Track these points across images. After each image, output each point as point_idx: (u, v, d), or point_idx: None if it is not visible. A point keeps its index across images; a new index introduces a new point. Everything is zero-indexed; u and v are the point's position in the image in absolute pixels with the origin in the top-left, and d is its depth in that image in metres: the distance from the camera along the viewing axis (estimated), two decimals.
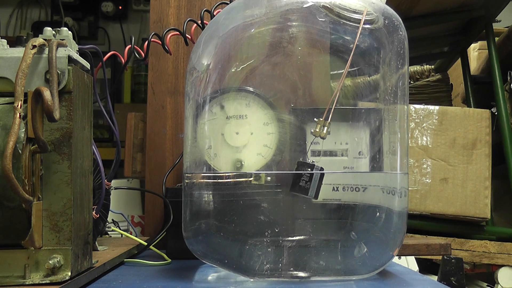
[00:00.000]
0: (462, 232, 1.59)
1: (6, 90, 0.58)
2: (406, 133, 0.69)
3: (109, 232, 0.99)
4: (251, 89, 0.72)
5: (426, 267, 1.58)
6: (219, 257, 0.66)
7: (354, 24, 0.67)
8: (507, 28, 2.04)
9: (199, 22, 0.89)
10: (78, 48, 0.64)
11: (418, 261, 1.47)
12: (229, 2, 0.85)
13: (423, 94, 2.02)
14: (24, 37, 0.59)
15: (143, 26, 3.03)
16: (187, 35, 0.89)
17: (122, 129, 0.91)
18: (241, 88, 0.71)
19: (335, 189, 0.68)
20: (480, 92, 1.95)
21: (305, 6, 0.69)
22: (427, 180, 1.53)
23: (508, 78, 1.81)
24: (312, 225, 0.64)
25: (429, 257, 1.50)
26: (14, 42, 0.63)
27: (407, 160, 0.70)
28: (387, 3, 0.72)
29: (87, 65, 0.64)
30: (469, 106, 1.89)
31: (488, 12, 1.77)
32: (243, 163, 0.71)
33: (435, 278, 1.18)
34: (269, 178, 0.68)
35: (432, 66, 2.13)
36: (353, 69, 0.68)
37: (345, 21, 0.68)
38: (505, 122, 1.68)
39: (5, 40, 0.61)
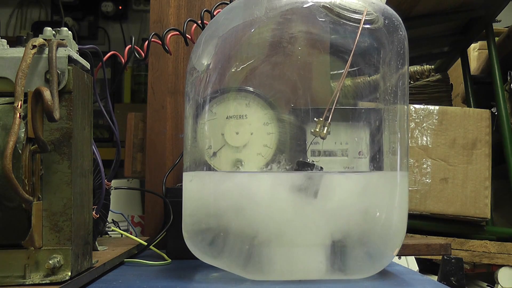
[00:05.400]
0: (462, 232, 1.59)
1: (6, 90, 0.57)
2: (406, 133, 0.69)
3: (109, 232, 0.99)
4: (251, 89, 0.72)
5: (426, 267, 1.58)
6: (219, 257, 0.66)
7: (354, 24, 0.67)
8: (507, 28, 2.04)
9: (199, 22, 0.89)
10: (78, 48, 0.64)
11: (418, 261, 1.47)
12: (229, 2, 0.85)
13: (423, 94, 2.02)
14: (24, 37, 0.59)
15: (143, 26, 3.03)
16: (187, 35, 0.89)
17: (122, 129, 0.91)
18: (241, 88, 0.71)
19: None
20: (480, 92, 1.95)
21: (305, 6, 0.69)
22: (427, 180, 1.53)
23: (508, 78, 1.81)
24: (312, 225, 0.64)
25: (429, 257, 1.50)
26: (14, 42, 0.63)
27: (407, 160, 0.70)
28: (387, 3, 0.72)
29: (87, 65, 0.64)
30: (469, 106, 1.89)
31: (488, 12, 1.77)
32: (243, 163, 0.71)
33: (435, 278, 1.18)
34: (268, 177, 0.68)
35: (432, 66, 2.13)
36: (353, 69, 0.68)
37: (345, 21, 0.68)
38: (505, 122, 1.68)
39: (5, 40, 0.61)
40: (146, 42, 0.84)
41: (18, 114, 0.52)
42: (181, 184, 0.70)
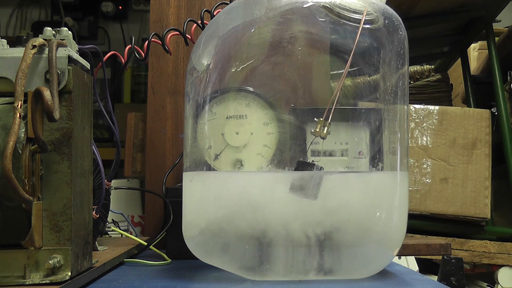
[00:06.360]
0: (462, 232, 1.59)
1: (6, 90, 0.58)
2: (406, 133, 0.69)
3: (109, 232, 0.99)
4: (251, 89, 0.72)
5: (426, 267, 1.58)
6: (219, 257, 0.66)
7: (354, 24, 0.67)
8: (507, 28, 2.04)
9: (199, 22, 0.89)
10: (78, 48, 0.64)
11: (418, 261, 1.47)
12: (229, 2, 0.85)
13: (423, 94, 2.02)
14: (24, 37, 0.59)
15: (143, 26, 3.03)
16: (187, 35, 0.89)
17: (122, 129, 0.91)
18: (241, 88, 0.71)
19: None
20: (480, 92, 1.95)
21: (305, 6, 0.69)
22: (427, 180, 1.53)
23: (508, 78, 1.81)
24: (312, 224, 0.64)
25: (429, 257, 1.50)
26: (14, 42, 0.63)
27: (407, 160, 0.70)
28: (387, 3, 0.72)
29: (87, 65, 0.64)
30: (469, 106, 1.89)
31: (488, 12, 1.77)
32: (243, 163, 0.71)
33: (435, 278, 1.18)
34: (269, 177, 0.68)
35: (432, 66, 2.13)
36: (353, 69, 0.68)
37: (345, 21, 0.68)
38: (505, 122, 1.68)
39: (5, 40, 0.61)
40: (146, 42, 0.85)
41: (18, 114, 0.52)
42: (181, 184, 0.70)
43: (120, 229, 0.95)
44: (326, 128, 0.66)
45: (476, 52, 2.17)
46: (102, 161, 0.75)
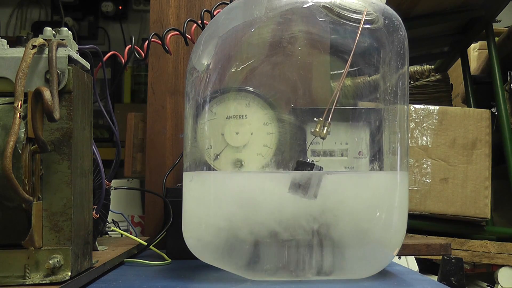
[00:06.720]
0: (462, 232, 1.59)
1: (6, 90, 0.58)
2: (406, 133, 0.69)
3: (109, 232, 0.99)
4: (251, 89, 0.72)
5: (426, 267, 1.58)
6: (219, 257, 0.66)
7: (354, 24, 0.67)
8: (507, 28, 2.04)
9: (199, 22, 0.89)
10: (78, 48, 0.64)
11: (418, 261, 1.47)
12: (229, 2, 0.85)
13: (423, 94, 2.02)
14: (24, 37, 0.59)
15: (143, 26, 3.03)
16: (187, 35, 0.89)
17: (122, 129, 0.91)
18: (241, 88, 0.71)
19: None
20: (480, 92, 1.95)
21: (305, 6, 0.69)
22: (427, 180, 1.53)
23: (508, 78, 1.81)
24: (311, 224, 0.64)
25: (429, 257, 1.50)
26: (14, 42, 0.63)
27: (407, 160, 0.70)
28: (387, 3, 0.72)
29: (87, 65, 0.64)
30: (469, 106, 1.89)
31: (488, 12, 1.77)
32: (243, 163, 0.71)
33: (435, 278, 1.18)
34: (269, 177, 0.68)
35: (432, 66, 2.13)
36: (353, 69, 0.68)
37: (345, 21, 0.68)
38: (505, 122, 1.68)
39: (5, 40, 0.61)
40: (146, 42, 0.85)
41: (18, 114, 0.52)
42: (181, 184, 0.70)
43: (120, 229, 0.95)
44: (326, 128, 0.66)
45: (476, 52, 2.17)
46: (102, 161, 0.75)
